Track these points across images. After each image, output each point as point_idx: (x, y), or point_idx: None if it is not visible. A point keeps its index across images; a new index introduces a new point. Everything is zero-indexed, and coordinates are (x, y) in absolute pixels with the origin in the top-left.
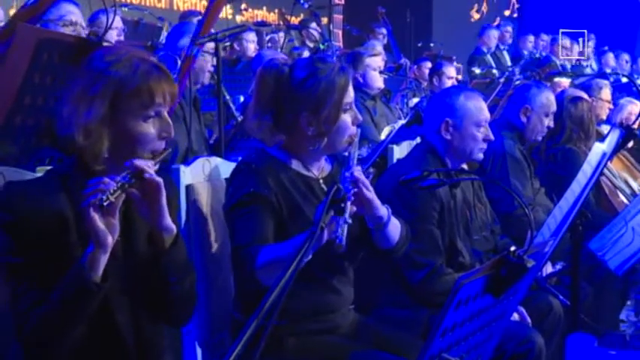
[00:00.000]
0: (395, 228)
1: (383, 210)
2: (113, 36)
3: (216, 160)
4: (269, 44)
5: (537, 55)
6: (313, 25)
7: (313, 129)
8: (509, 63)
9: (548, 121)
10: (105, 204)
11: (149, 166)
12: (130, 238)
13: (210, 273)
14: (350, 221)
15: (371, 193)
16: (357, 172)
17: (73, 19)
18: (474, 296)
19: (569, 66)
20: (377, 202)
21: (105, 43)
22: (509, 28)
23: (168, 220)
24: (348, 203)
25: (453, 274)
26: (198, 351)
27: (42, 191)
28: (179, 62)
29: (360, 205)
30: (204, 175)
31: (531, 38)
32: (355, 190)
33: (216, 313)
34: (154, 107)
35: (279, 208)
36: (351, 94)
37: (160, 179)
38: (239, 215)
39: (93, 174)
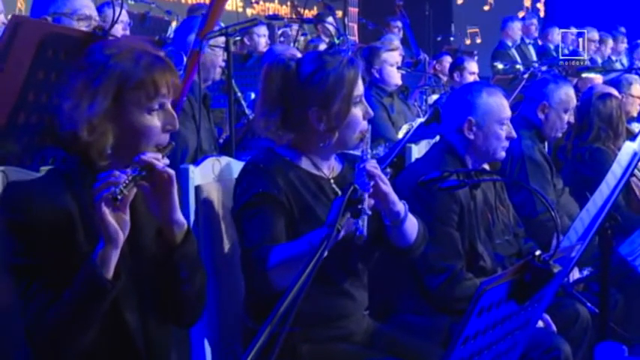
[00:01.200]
0: (412, 225)
1: (400, 205)
2: (118, 30)
3: (227, 160)
4: (281, 38)
5: (566, 50)
6: (330, 19)
7: (323, 124)
8: (534, 57)
9: (568, 117)
10: (119, 197)
11: (159, 159)
12: (136, 235)
13: (220, 275)
14: (370, 212)
15: (387, 187)
16: (373, 164)
17: (88, 13)
18: (497, 303)
19: (600, 60)
20: (394, 196)
21: (110, 38)
22: (535, 21)
23: (179, 214)
24: (366, 195)
25: (473, 280)
26: (208, 351)
27: (47, 190)
28: (185, 58)
29: (377, 199)
30: (214, 175)
31: (557, 31)
32: (372, 182)
33: (227, 315)
34: (158, 99)
35: (289, 208)
36: (360, 87)
37: (172, 171)
38: (248, 216)
39: (96, 171)
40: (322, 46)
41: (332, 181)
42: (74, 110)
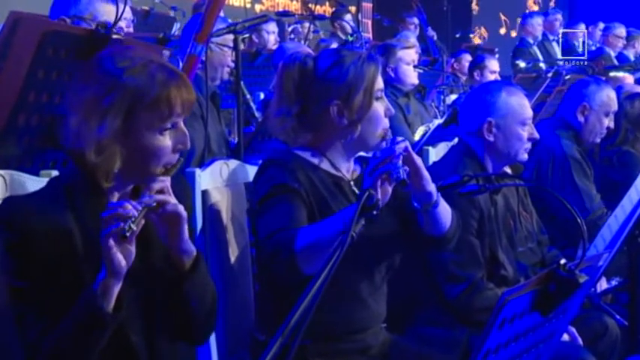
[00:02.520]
0: (445, 210)
1: (432, 185)
2: (122, 27)
3: (235, 163)
4: (291, 35)
5: (593, 48)
6: (348, 17)
7: (345, 118)
8: (559, 55)
9: (608, 122)
10: (128, 234)
11: (171, 194)
12: (146, 258)
13: (227, 287)
14: (405, 176)
15: (420, 161)
16: (402, 138)
17: (110, 21)
18: (519, 314)
19: (632, 57)
20: (426, 172)
21: (114, 36)
22: (559, 16)
23: (188, 243)
24: (399, 161)
25: (494, 289)
26: None
27: (46, 207)
28: (180, 62)
29: (409, 173)
30: (222, 180)
31: (583, 27)
32: (404, 153)
33: (235, 328)
34: (172, 119)
35: (309, 204)
36: (381, 82)
37: (182, 211)
38: (268, 206)
39: (100, 189)
40: (334, 46)
41: (352, 183)
42: (82, 128)
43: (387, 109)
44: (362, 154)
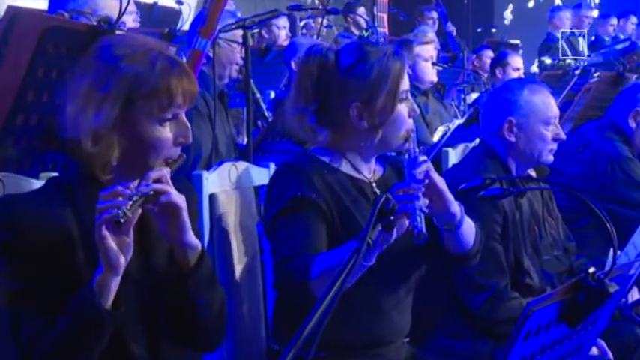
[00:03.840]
0: (469, 228)
1: (456, 206)
2: (128, 22)
3: (244, 165)
4: (303, 30)
5: (625, 44)
6: (361, 10)
7: (365, 122)
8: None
9: None
10: (122, 221)
11: (169, 183)
12: (147, 256)
13: (237, 294)
14: (426, 210)
15: (442, 184)
16: (424, 159)
17: (111, 15)
18: (545, 325)
19: None
20: (449, 195)
21: (118, 32)
22: (590, 13)
23: (190, 236)
24: (420, 194)
25: (519, 299)
26: None
27: (43, 205)
28: (184, 58)
29: (431, 198)
30: (230, 183)
31: (614, 21)
32: (426, 181)
33: (244, 339)
34: (172, 109)
35: (329, 213)
36: (406, 81)
37: (180, 202)
38: (284, 224)
39: (99, 184)
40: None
41: (374, 185)
42: (78, 116)
43: (412, 110)
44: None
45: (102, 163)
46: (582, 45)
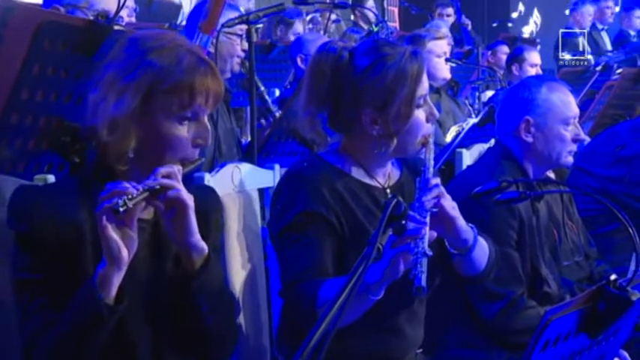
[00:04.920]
0: (482, 250)
1: (469, 232)
2: (123, 17)
3: (248, 167)
4: (310, 25)
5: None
6: (370, 3)
7: (379, 128)
8: (609, 47)
9: None
10: (120, 209)
11: (178, 180)
12: (158, 258)
13: (242, 303)
14: (430, 253)
15: (455, 211)
16: (436, 183)
17: (107, 9)
18: (565, 335)
19: None
20: (462, 222)
21: (116, 27)
22: (611, 4)
23: (196, 238)
24: (426, 228)
25: (536, 308)
26: None
27: (56, 198)
28: None
29: (440, 226)
30: (233, 186)
31: (639, 13)
32: (434, 209)
33: (249, 350)
34: (192, 108)
35: (338, 226)
36: (425, 84)
37: (188, 200)
38: (291, 242)
39: (114, 176)
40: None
41: (388, 191)
42: (99, 104)
43: (430, 115)
44: None
45: (117, 152)
46: (605, 40)
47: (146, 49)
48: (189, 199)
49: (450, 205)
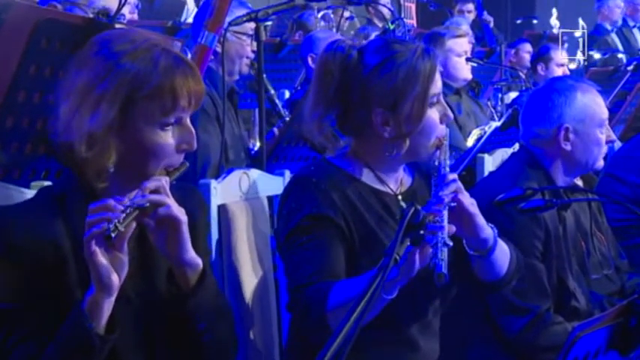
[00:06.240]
0: (503, 254)
1: (488, 230)
2: (125, 14)
3: (257, 173)
4: (321, 23)
5: None
6: None
7: (390, 130)
8: None
9: None
10: (113, 235)
11: (167, 194)
12: (147, 276)
13: (248, 317)
14: (450, 243)
15: (474, 207)
16: (453, 177)
17: (107, 7)
18: (594, 353)
19: None
20: (481, 219)
21: (117, 25)
22: None
23: (191, 254)
24: (445, 221)
25: (564, 324)
26: None
27: (33, 217)
28: (189, 54)
29: (459, 224)
30: (240, 193)
31: None
32: (453, 204)
33: None
34: (175, 113)
35: (348, 233)
36: (438, 83)
37: (180, 215)
38: (299, 245)
39: (93, 192)
40: (374, 36)
41: (400, 197)
42: (72, 117)
43: (444, 115)
44: None
45: (97, 169)
46: (638, 37)
47: (118, 52)
48: (181, 214)
49: (468, 201)
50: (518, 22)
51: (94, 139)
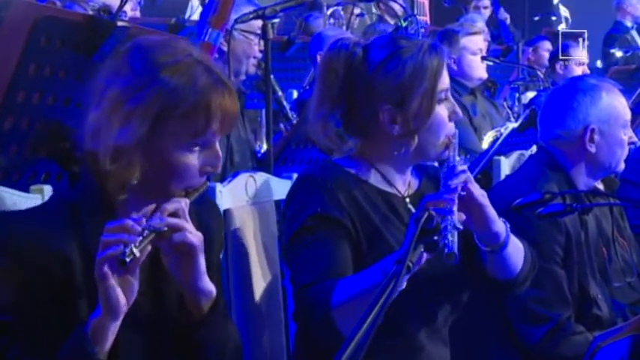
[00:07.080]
0: (516, 250)
1: (499, 224)
2: (127, 11)
3: (264, 177)
4: (331, 20)
5: None
6: None
7: (398, 127)
8: None
9: None
10: (127, 260)
11: (186, 218)
12: (157, 299)
13: (255, 325)
14: (460, 227)
15: (484, 198)
16: (463, 169)
17: (108, 3)
18: None
19: None
20: (491, 211)
21: (119, 23)
22: None
23: (205, 281)
24: (455, 207)
25: (585, 333)
26: None
27: (44, 226)
28: None
29: (469, 214)
30: (247, 197)
31: None
32: (462, 192)
33: None
34: (206, 135)
35: (354, 233)
36: (446, 79)
37: (196, 242)
38: (304, 244)
39: (110, 203)
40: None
41: (407, 200)
42: (101, 126)
43: (453, 112)
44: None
45: (119, 182)
46: None
47: (158, 65)
48: (197, 239)
49: (478, 192)
50: (536, 18)
51: (120, 154)
